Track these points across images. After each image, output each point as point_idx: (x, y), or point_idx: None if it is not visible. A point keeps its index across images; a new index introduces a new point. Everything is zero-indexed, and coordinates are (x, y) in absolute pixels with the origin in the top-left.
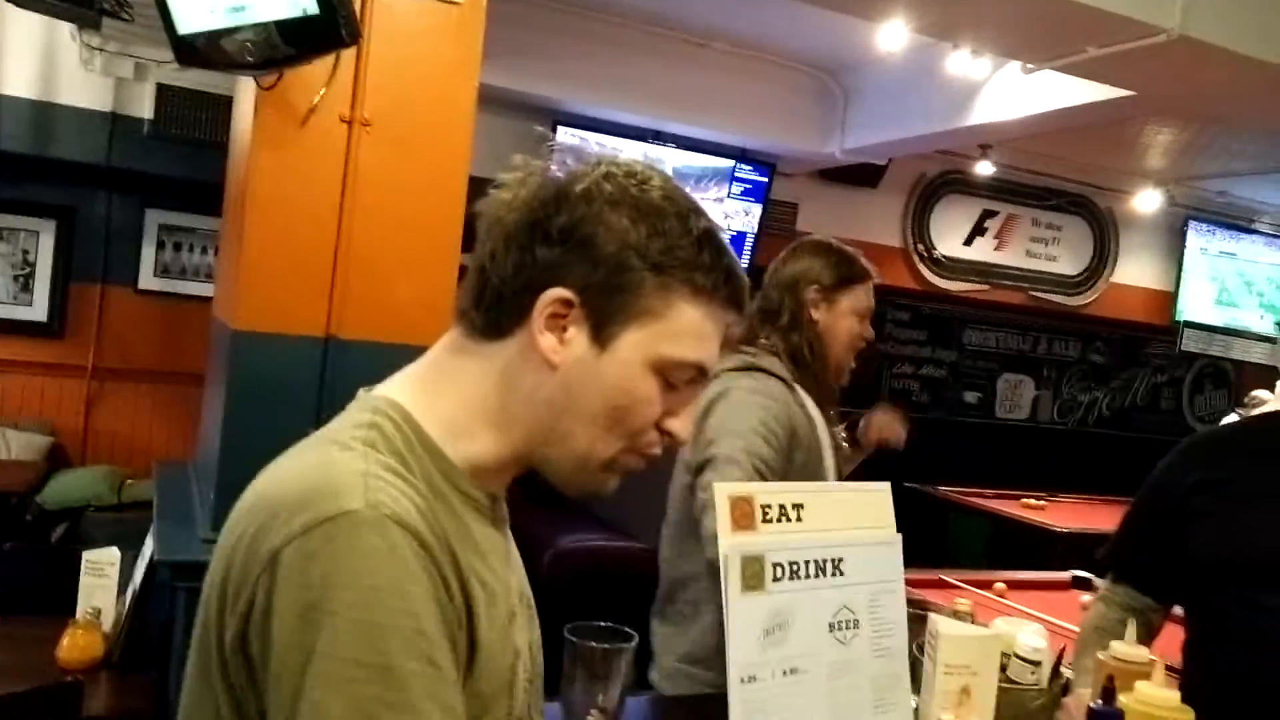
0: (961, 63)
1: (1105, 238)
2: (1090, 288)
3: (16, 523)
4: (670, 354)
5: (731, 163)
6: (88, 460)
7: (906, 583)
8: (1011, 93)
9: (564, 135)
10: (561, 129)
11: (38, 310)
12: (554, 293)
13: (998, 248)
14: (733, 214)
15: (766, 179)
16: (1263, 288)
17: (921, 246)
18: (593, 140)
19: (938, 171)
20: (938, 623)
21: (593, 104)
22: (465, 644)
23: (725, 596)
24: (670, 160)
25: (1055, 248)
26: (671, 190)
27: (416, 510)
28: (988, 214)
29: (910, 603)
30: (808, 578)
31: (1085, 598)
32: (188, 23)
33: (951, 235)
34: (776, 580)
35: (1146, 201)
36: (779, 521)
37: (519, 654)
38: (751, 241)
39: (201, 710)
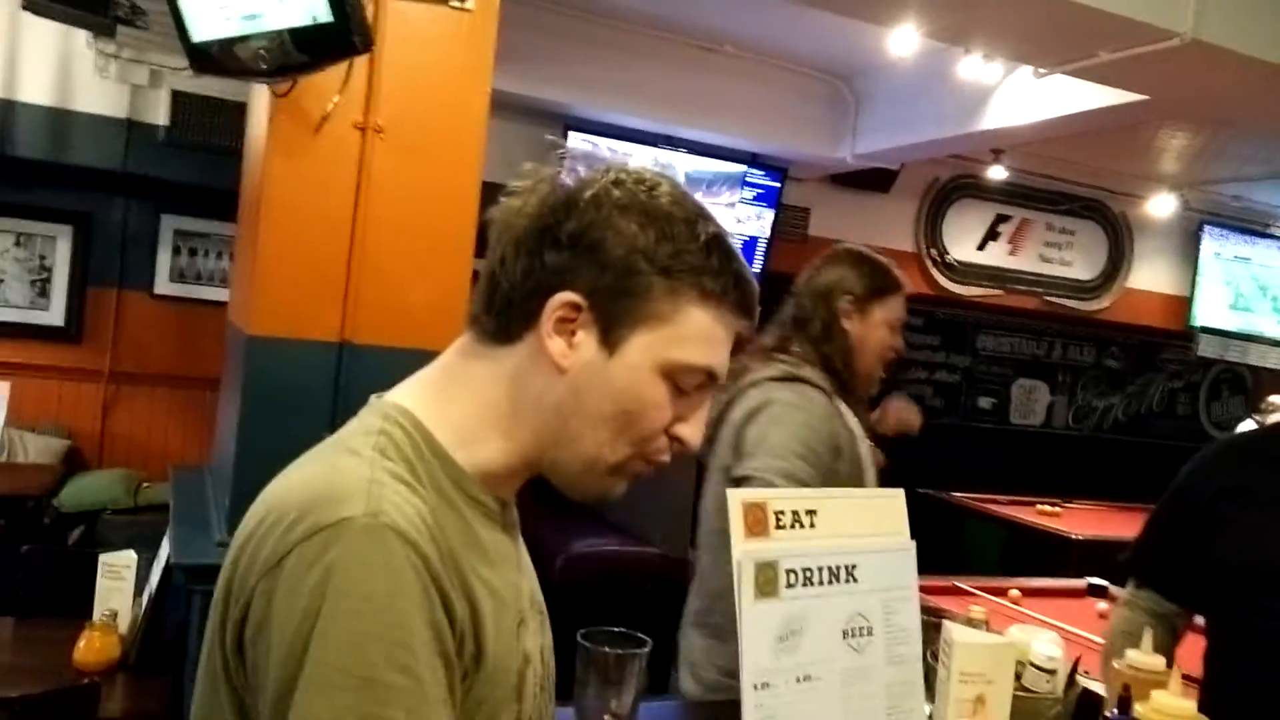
0: (973, 67)
1: (1120, 242)
2: (1105, 292)
3: (34, 525)
4: (679, 358)
5: (743, 168)
6: (104, 463)
7: (920, 589)
8: (1023, 97)
9: (575, 140)
10: (573, 134)
11: (55, 315)
12: (562, 296)
13: (1011, 252)
14: (744, 219)
15: (778, 184)
16: (1278, 292)
17: (934, 251)
18: (604, 145)
19: (950, 176)
20: (952, 630)
21: (604, 109)
22: (471, 651)
23: (739, 603)
24: (682, 165)
25: (1069, 252)
26: (680, 196)
27: (420, 518)
28: (1001, 218)
29: (924, 610)
30: (821, 584)
31: (1101, 605)
32: (202, 30)
33: (965, 240)
34: (790, 587)
35: (1161, 206)
36: (792, 528)
37: (529, 659)
38: (764, 247)
39: (210, 710)
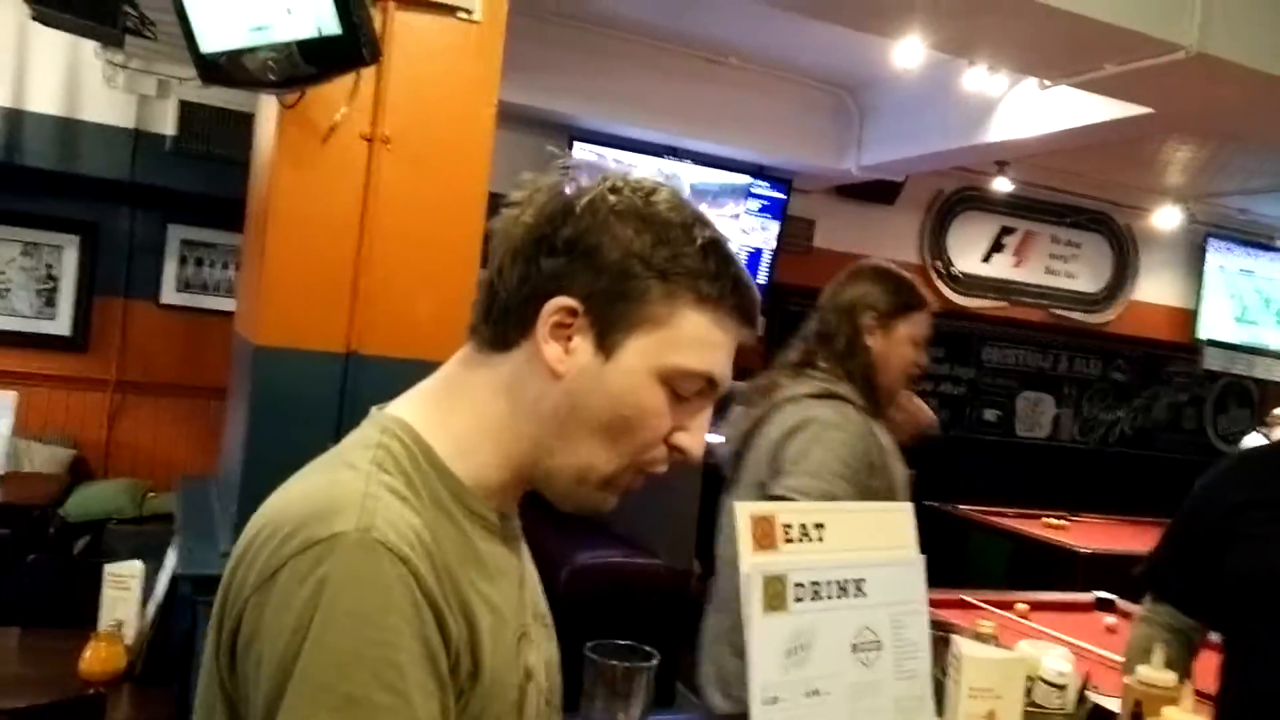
0: (978, 79)
1: (1125, 255)
2: (1110, 305)
3: (39, 535)
4: (676, 363)
5: (748, 179)
6: (110, 473)
7: (927, 603)
8: (1028, 109)
9: (581, 151)
10: (578, 145)
11: (61, 324)
12: (558, 301)
13: (1016, 264)
14: (749, 230)
15: (783, 196)
16: None
17: (939, 263)
18: (610, 157)
19: (955, 188)
20: (962, 645)
21: (609, 120)
22: (468, 667)
23: (747, 617)
24: (687, 176)
25: (1075, 264)
26: (678, 202)
27: (414, 533)
28: (1006, 230)
29: (933, 624)
30: (830, 598)
31: (1109, 619)
32: (211, 41)
33: (969, 252)
34: (799, 601)
35: (1166, 218)
36: (800, 541)
37: (530, 674)
38: (769, 258)
39: (207, 716)
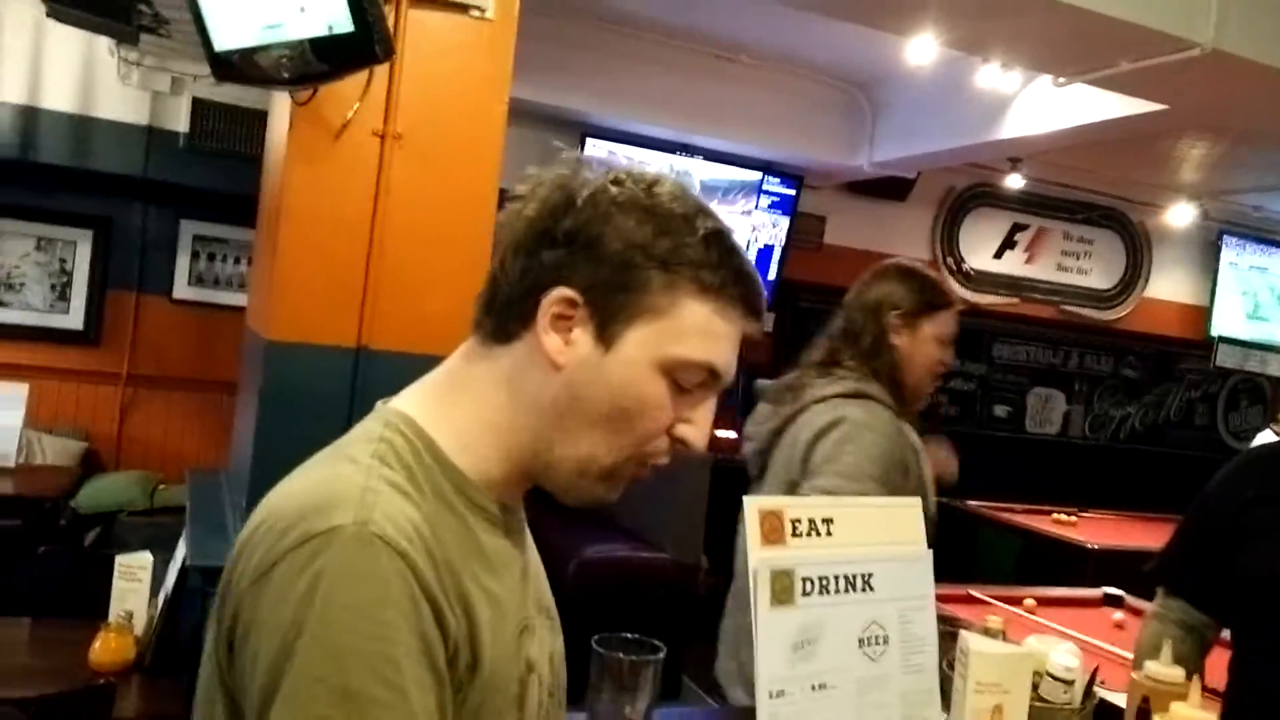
0: (991, 76)
1: (1138, 251)
2: (1123, 302)
3: (51, 527)
4: (677, 353)
5: (759, 176)
6: (121, 465)
7: (935, 598)
8: (1042, 106)
9: (593, 148)
10: (590, 142)
11: (74, 318)
12: (558, 292)
13: (1028, 261)
14: (760, 227)
15: (794, 192)
16: None
17: (951, 260)
18: (621, 153)
19: (967, 185)
20: (969, 640)
21: (621, 117)
22: (467, 661)
23: (754, 610)
24: (698, 173)
25: (1087, 261)
26: (680, 193)
27: (413, 527)
28: (1018, 227)
29: (940, 619)
30: (837, 593)
31: (1117, 615)
32: (225, 39)
33: (981, 248)
34: (806, 595)
35: (1180, 215)
36: (809, 536)
37: (533, 667)
38: (779, 254)
39: (207, 707)
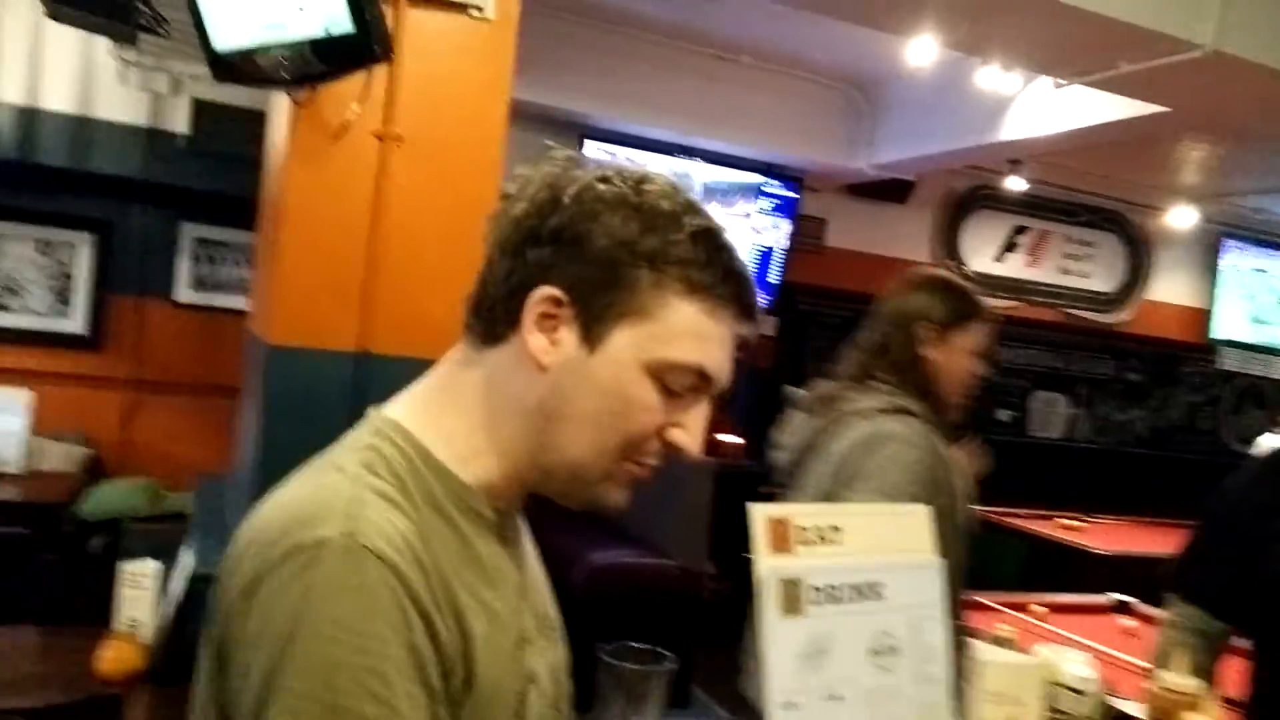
0: (991, 77)
1: (1139, 254)
2: (1124, 305)
3: (55, 533)
4: (664, 355)
5: (760, 178)
6: (125, 471)
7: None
8: (1042, 108)
9: (592, 150)
10: (590, 144)
11: (76, 322)
12: (542, 291)
13: (1030, 264)
14: (761, 229)
15: (795, 194)
16: None
17: (952, 263)
18: (621, 155)
19: (967, 187)
20: (980, 650)
21: (621, 119)
22: (461, 674)
23: (762, 620)
24: (698, 175)
25: (1088, 264)
26: (670, 191)
27: (402, 538)
28: (1019, 230)
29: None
30: (847, 602)
31: (1126, 622)
32: (224, 39)
33: (982, 251)
34: (815, 604)
35: (1181, 218)
36: (817, 544)
37: (533, 678)
38: (780, 257)
39: (202, 717)
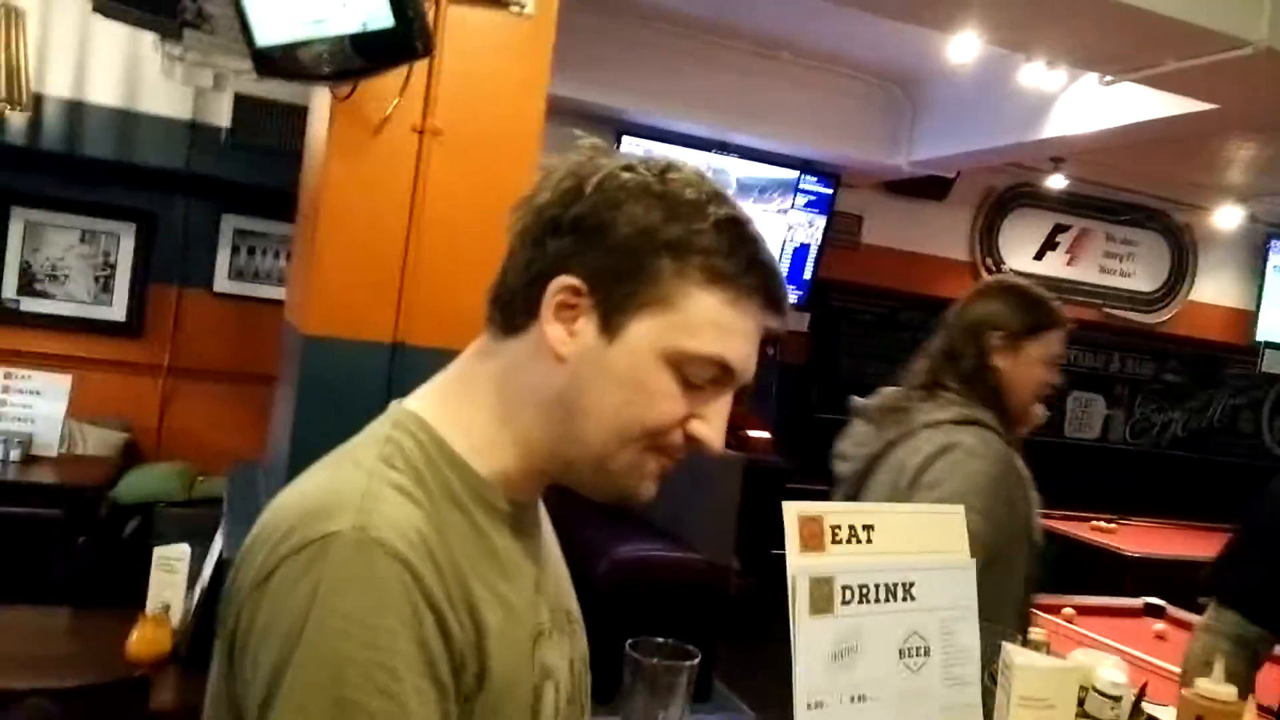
0: (1034, 74)
1: (1183, 254)
2: (1166, 305)
3: (91, 516)
4: (685, 346)
5: (796, 174)
6: (162, 457)
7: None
8: (1086, 105)
9: (629, 146)
10: (627, 139)
11: (117, 310)
12: (561, 280)
13: (1070, 263)
14: (797, 225)
15: (831, 191)
16: None
17: (990, 261)
18: (658, 151)
19: (1007, 185)
20: (1012, 653)
21: (658, 114)
22: (474, 669)
23: (792, 618)
24: (735, 171)
25: (1130, 264)
26: (694, 179)
27: (416, 531)
28: (1060, 228)
29: (982, 629)
30: (878, 601)
31: (1158, 626)
32: (266, 35)
33: (1022, 250)
34: (845, 603)
35: (1227, 218)
36: (848, 543)
37: (549, 673)
38: (815, 253)
39: (214, 709)
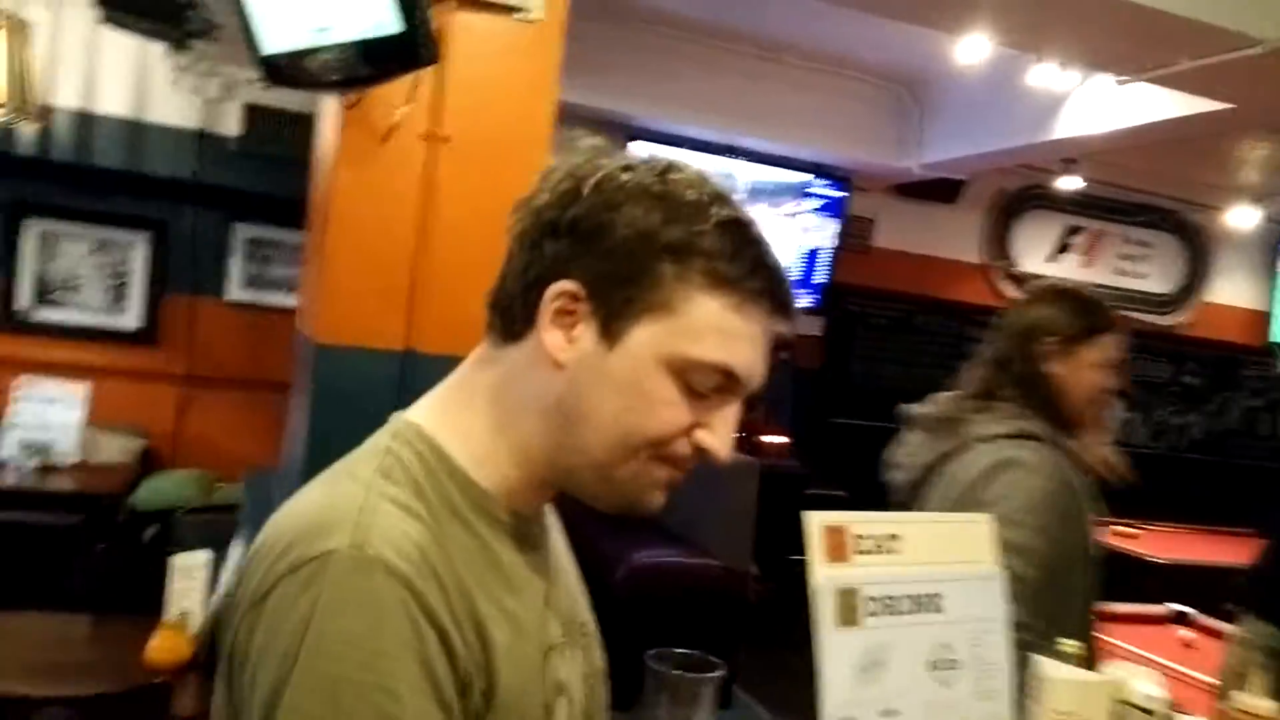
0: (1044, 75)
1: (1198, 255)
2: (1182, 307)
3: (109, 524)
4: (687, 352)
5: (807, 178)
6: (178, 464)
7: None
8: (1099, 105)
9: (638, 150)
10: (635, 144)
11: (132, 319)
12: (559, 285)
13: (1084, 265)
14: (808, 229)
15: (842, 194)
16: None
17: (1002, 263)
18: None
19: (1019, 186)
20: (1046, 666)
21: (667, 119)
22: (481, 687)
23: (818, 631)
24: (744, 175)
25: (1145, 265)
26: (695, 180)
27: (416, 548)
28: (1073, 230)
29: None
30: (904, 613)
31: (1185, 633)
32: (273, 43)
33: (1034, 252)
34: (872, 615)
35: (1242, 218)
36: (874, 554)
37: (562, 689)
38: (827, 258)
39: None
